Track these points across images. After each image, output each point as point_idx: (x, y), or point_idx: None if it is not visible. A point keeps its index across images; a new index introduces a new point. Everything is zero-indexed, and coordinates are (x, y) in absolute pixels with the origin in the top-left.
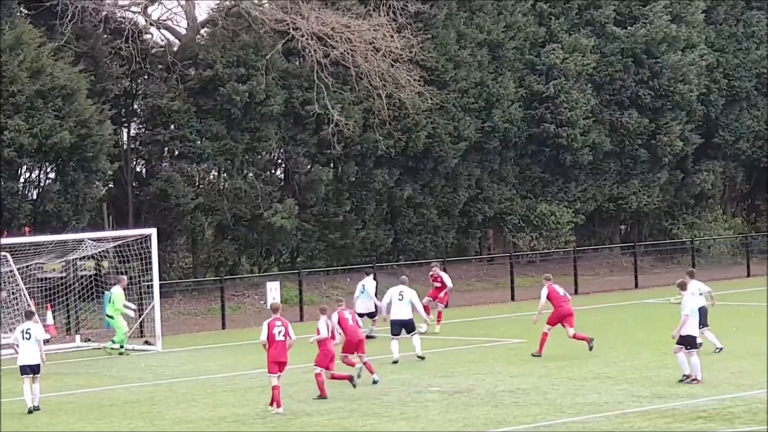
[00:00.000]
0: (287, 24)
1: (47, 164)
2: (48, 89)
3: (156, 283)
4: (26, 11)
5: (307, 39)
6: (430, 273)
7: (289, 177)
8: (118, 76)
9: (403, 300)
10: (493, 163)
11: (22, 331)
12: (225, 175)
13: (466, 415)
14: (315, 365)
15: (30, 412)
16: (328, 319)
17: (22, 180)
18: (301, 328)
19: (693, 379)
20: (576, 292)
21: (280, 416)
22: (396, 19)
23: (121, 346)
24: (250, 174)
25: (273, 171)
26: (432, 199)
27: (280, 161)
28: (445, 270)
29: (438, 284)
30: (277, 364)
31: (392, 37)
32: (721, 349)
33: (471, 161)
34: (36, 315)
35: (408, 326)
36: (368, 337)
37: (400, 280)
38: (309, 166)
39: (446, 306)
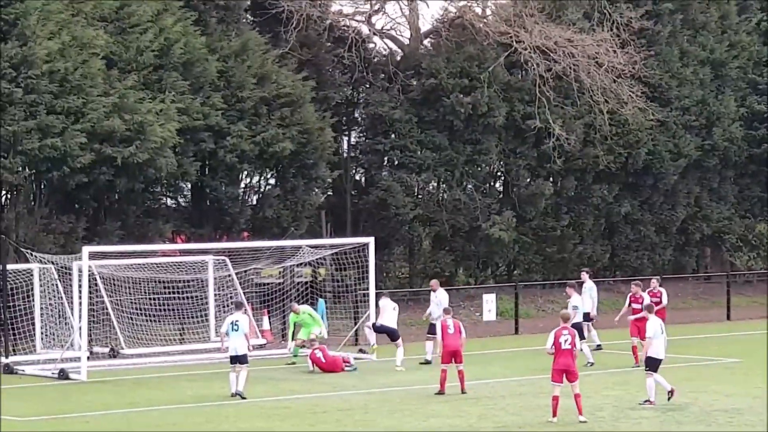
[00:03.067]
0: (510, 37)
1: (268, 170)
2: (273, 96)
3: (372, 292)
4: (252, 18)
5: (529, 52)
6: (649, 289)
7: (509, 190)
8: (340, 84)
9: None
10: (712, 182)
11: (231, 323)
12: (444, 186)
13: None
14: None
15: (233, 395)
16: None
17: (242, 185)
18: (517, 342)
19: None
20: None
21: (496, 428)
22: (619, 34)
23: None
24: (470, 186)
25: (492, 183)
26: (650, 216)
27: (499, 174)
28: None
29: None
30: (562, 373)
31: (615, 52)
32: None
33: (690, 179)
34: (246, 307)
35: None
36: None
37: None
38: (528, 180)
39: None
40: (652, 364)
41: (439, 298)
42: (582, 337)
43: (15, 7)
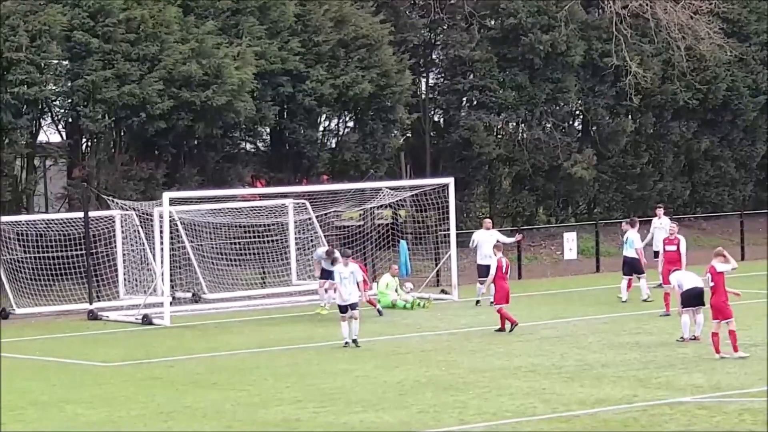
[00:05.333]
0: None
1: (346, 113)
2: (350, 39)
3: (453, 232)
4: None
5: None
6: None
7: (588, 128)
8: (417, 26)
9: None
10: None
11: (352, 273)
12: (524, 125)
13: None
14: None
15: (346, 345)
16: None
17: (321, 129)
18: (598, 280)
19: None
20: None
21: (579, 366)
22: None
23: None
24: (549, 125)
25: (571, 122)
26: (730, 152)
27: (578, 112)
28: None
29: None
30: (714, 310)
31: None
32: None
33: None
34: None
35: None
36: None
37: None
38: (607, 117)
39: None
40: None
41: (482, 238)
42: (641, 272)
43: None
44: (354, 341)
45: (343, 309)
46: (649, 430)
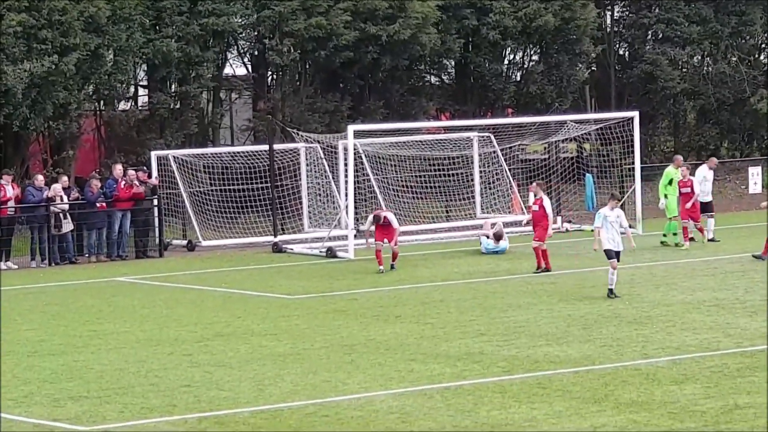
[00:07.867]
0: None
1: (531, 46)
2: None
3: (637, 166)
4: None
5: None
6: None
7: None
8: None
9: None
10: None
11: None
12: (709, 59)
13: None
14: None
15: (610, 293)
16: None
17: (506, 62)
18: None
19: None
20: None
21: (763, 300)
22: None
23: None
24: (734, 58)
25: (757, 55)
26: None
27: (764, 46)
28: None
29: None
30: None
31: None
32: None
33: None
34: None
35: None
36: None
37: None
38: None
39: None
40: None
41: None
42: None
43: None
44: (611, 291)
45: (611, 254)
46: None
